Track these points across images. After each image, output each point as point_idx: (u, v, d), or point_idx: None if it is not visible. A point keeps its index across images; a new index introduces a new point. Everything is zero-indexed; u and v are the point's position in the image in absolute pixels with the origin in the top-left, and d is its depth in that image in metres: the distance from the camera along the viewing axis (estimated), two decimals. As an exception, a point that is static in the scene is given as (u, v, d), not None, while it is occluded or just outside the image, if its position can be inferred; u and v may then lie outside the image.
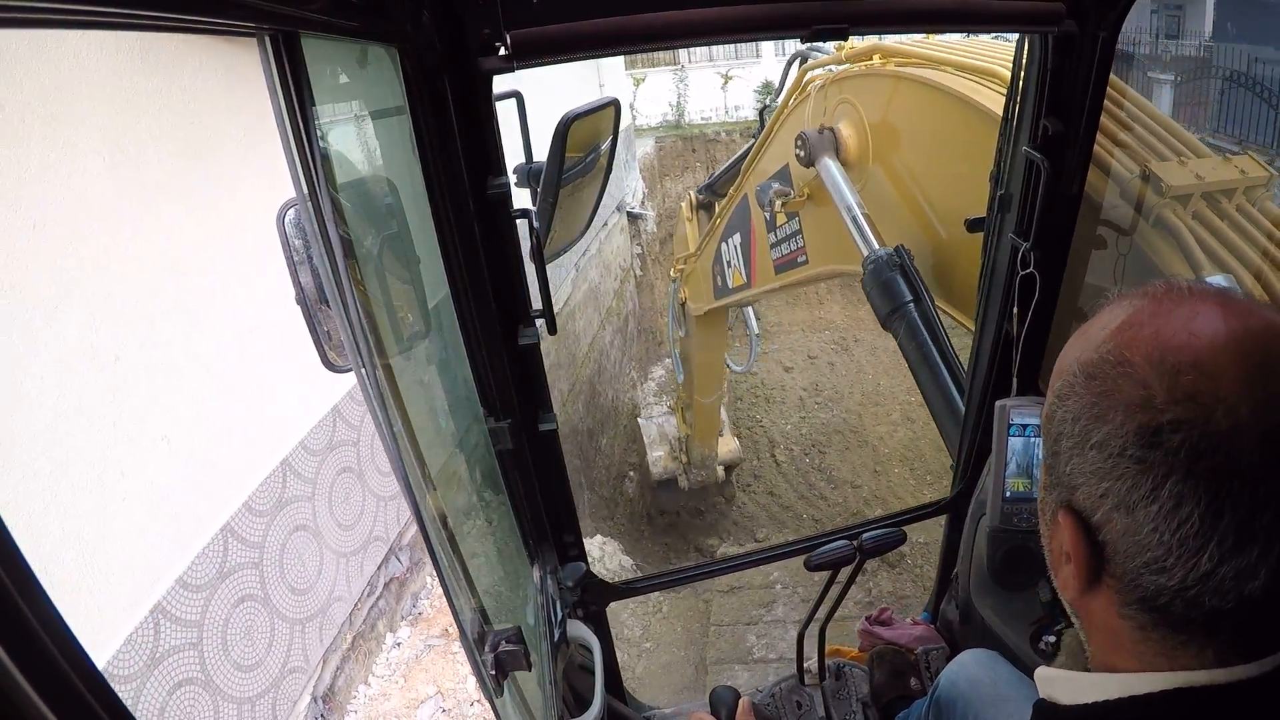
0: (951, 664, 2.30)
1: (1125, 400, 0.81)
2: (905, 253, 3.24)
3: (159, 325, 3.73)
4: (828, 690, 3.06)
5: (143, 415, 3.59)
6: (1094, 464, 0.84)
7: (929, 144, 3.54)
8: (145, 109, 3.74)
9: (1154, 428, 0.78)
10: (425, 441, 1.55)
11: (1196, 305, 0.83)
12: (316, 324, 1.54)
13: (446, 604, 1.66)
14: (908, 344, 3.15)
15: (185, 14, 0.80)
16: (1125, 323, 0.86)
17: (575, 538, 2.49)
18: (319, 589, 4.92)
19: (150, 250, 3.74)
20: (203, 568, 3.89)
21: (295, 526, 4.75)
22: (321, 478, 5.07)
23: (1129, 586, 0.85)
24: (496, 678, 1.60)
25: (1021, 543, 2.39)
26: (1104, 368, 0.84)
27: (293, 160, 1.16)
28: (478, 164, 1.71)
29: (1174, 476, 0.77)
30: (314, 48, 1.14)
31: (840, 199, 3.77)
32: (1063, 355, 0.93)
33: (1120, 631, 0.89)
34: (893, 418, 15.18)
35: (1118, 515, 0.83)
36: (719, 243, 6.69)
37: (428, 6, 1.46)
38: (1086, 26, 1.97)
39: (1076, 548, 0.88)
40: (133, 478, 3.50)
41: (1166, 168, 2.46)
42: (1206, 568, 0.78)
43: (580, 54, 1.66)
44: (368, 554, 5.51)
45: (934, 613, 3.27)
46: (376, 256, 1.51)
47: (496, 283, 1.86)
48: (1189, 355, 0.78)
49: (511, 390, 2.01)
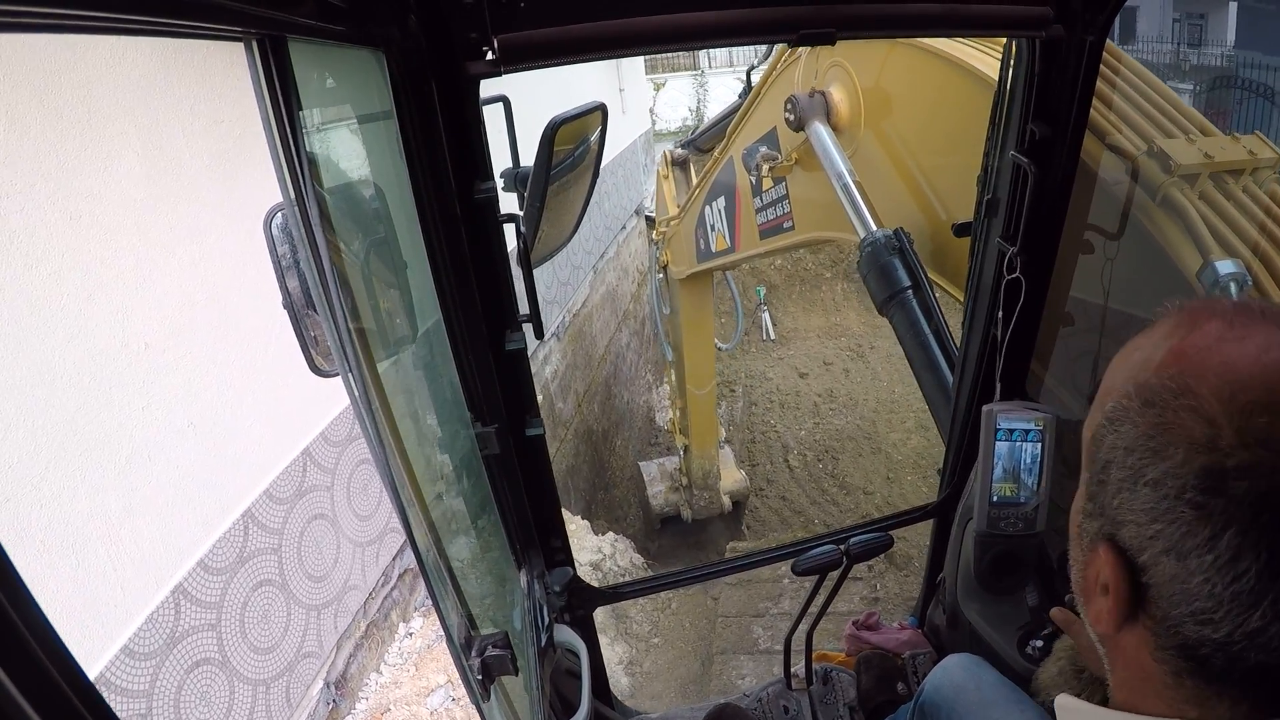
0: (936, 669, 2.30)
1: (1188, 437, 0.73)
2: (905, 236, 3.14)
3: (189, 316, 3.78)
4: (814, 695, 3.06)
5: (170, 403, 3.65)
6: (1146, 502, 0.77)
7: (925, 113, 3.43)
8: (177, 110, 3.81)
9: (1218, 472, 0.71)
10: (412, 446, 1.55)
11: (1274, 333, 0.75)
12: (304, 329, 1.54)
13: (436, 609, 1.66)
14: (905, 332, 3.09)
15: (173, 19, 0.80)
16: (1189, 343, 0.78)
17: (562, 542, 2.49)
18: (335, 577, 4.96)
19: (181, 243, 3.82)
20: (224, 551, 3.95)
21: (314, 515, 4.79)
22: (340, 468, 5.11)
23: (1168, 631, 0.79)
24: (483, 683, 1.59)
25: (1008, 547, 2.39)
26: (1164, 395, 0.77)
27: (280, 165, 1.16)
28: (465, 168, 1.71)
29: (1234, 528, 0.70)
30: (301, 52, 1.13)
31: (830, 166, 3.69)
32: (1112, 370, 0.87)
33: (1151, 673, 0.83)
34: (907, 425, 15.09)
35: (1166, 560, 0.76)
36: (702, 205, 6.56)
37: (414, 11, 1.46)
38: (1074, 31, 1.96)
39: (1116, 585, 0.82)
40: (159, 461, 3.55)
41: (1174, 145, 2.34)
42: (1256, 625, 0.72)
43: (567, 58, 1.66)
44: (383, 545, 5.54)
45: (921, 617, 3.27)
46: (364, 261, 1.51)
47: (483, 287, 1.85)
48: (1263, 394, 0.71)
49: (499, 395, 2.01)
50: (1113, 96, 2.48)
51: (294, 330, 1.55)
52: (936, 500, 2.96)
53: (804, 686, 3.09)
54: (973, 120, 2.58)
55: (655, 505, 11.67)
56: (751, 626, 8.24)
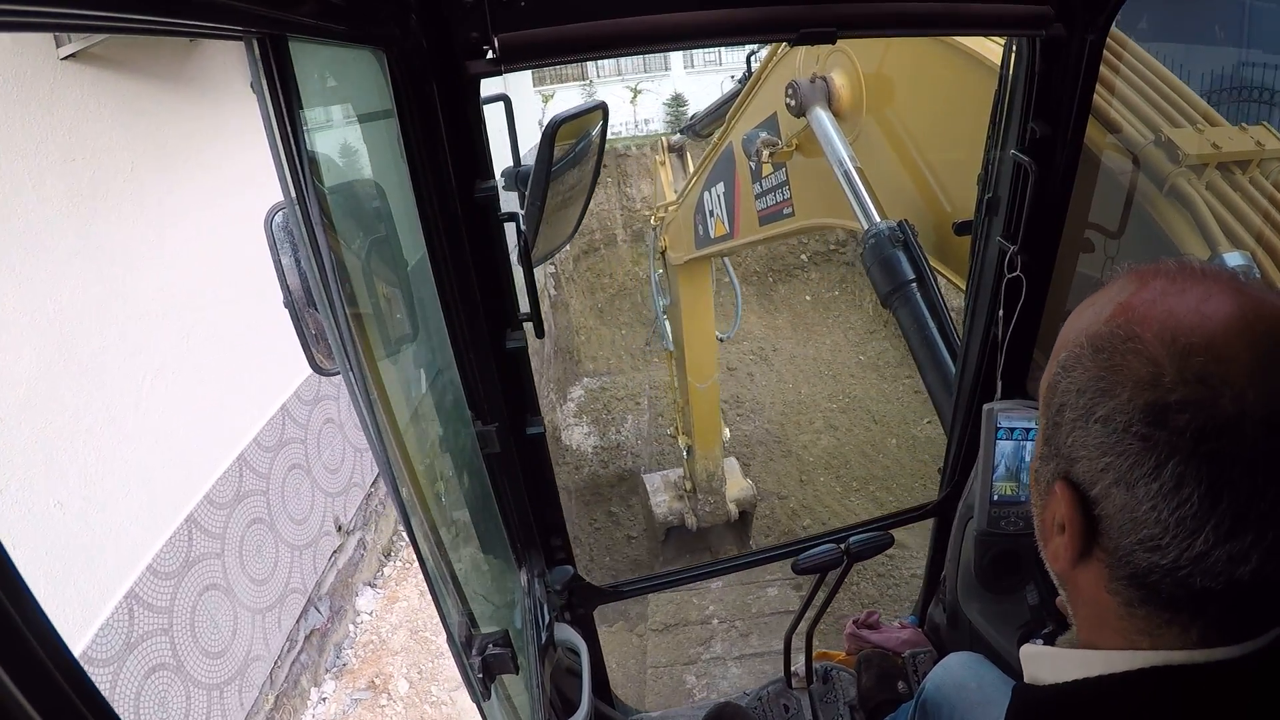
0: (937, 668, 2.31)
1: (1133, 376, 0.81)
2: (909, 228, 3.12)
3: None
4: (815, 694, 3.06)
5: (30, 482, 3.52)
6: (1097, 438, 0.84)
7: (928, 99, 3.39)
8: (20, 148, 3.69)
9: (1161, 406, 0.78)
10: (412, 444, 1.56)
11: (1211, 286, 0.83)
12: (304, 327, 1.54)
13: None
14: (909, 326, 3.05)
15: (174, 18, 0.80)
16: (1136, 298, 0.86)
17: (563, 541, 2.49)
18: (235, 649, 4.79)
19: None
20: (107, 640, 3.80)
21: (206, 585, 4.62)
22: (230, 532, 4.94)
23: (1120, 562, 0.86)
24: (484, 681, 1.60)
25: (1009, 546, 2.38)
26: (1113, 341, 0.84)
27: (280, 163, 1.16)
28: (465, 167, 1.71)
29: (1176, 457, 0.78)
30: (302, 51, 1.14)
31: (832, 152, 3.64)
32: (1068, 325, 0.94)
33: (1106, 606, 0.90)
34: (815, 426, 15.26)
35: (1117, 490, 0.84)
36: (701, 191, 6.51)
37: (415, 10, 1.46)
38: (1075, 29, 1.96)
39: (1072, 519, 0.89)
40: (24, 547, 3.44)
41: (1182, 134, 2.33)
42: (1200, 549, 0.79)
43: (568, 57, 1.66)
44: (285, 607, 5.41)
45: (921, 616, 3.27)
46: (364, 259, 1.51)
47: (484, 286, 1.85)
48: (1201, 336, 0.79)
49: (499, 393, 2.01)
50: (1119, 85, 2.46)
51: (295, 328, 1.56)
52: (937, 499, 2.95)
53: (804, 685, 3.09)
54: (975, 106, 2.56)
55: (659, 515, 11.51)
56: (684, 676, 8.13)
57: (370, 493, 7.03)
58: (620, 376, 17.65)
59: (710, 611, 9.44)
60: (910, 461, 13.75)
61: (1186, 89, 2.52)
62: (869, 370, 17.18)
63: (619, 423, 16.02)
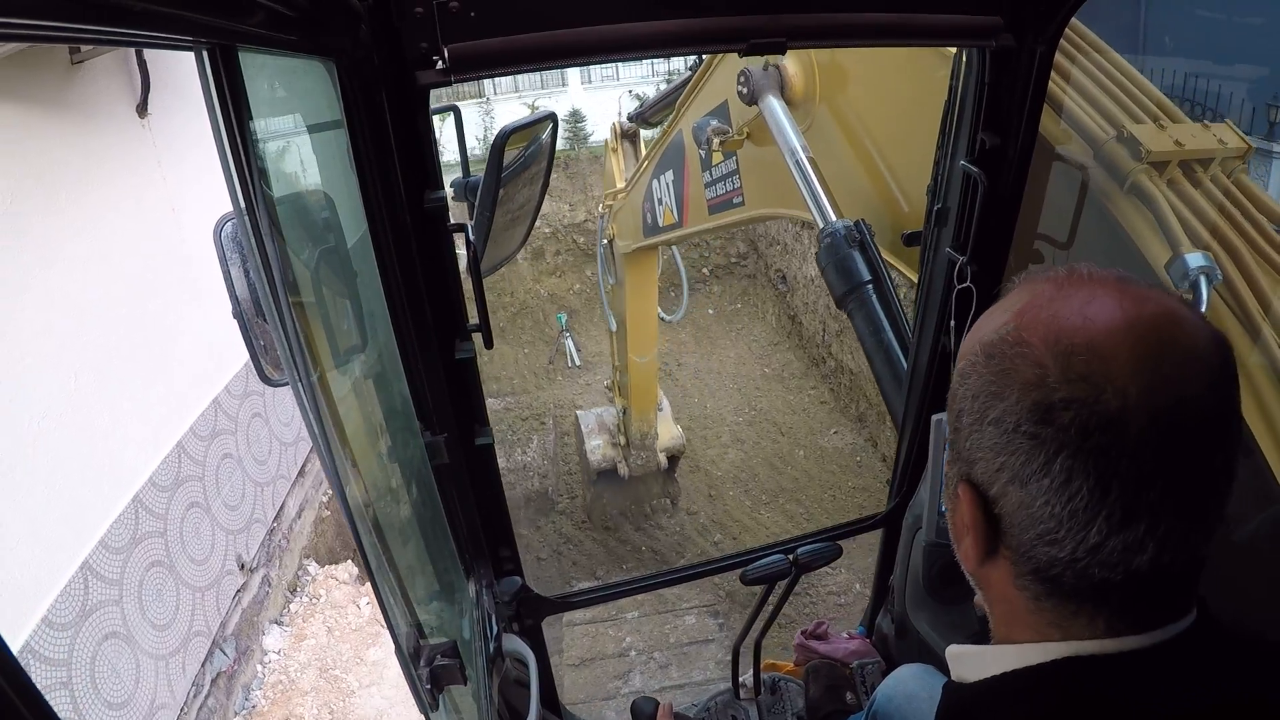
0: (889, 679, 2.33)
1: (1021, 379, 0.85)
2: (865, 227, 3.03)
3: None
4: (763, 705, 3.08)
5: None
6: (991, 439, 0.88)
7: (880, 86, 3.36)
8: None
9: (1047, 405, 0.82)
10: (361, 455, 1.55)
11: (1095, 290, 0.87)
12: (253, 338, 1.53)
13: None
14: (864, 328, 3.00)
15: (123, 28, 0.79)
16: (1026, 305, 0.90)
17: (511, 552, 2.49)
18: (139, 699, 4.67)
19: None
20: None
21: (106, 634, 4.50)
22: (128, 576, 4.82)
23: (1023, 558, 0.90)
24: (432, 692, 1.59)
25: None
26: (1003, 347, 0.88)
27: (230, 174, 1.16)
28: (415, 177, 1.70)
29: (1064, 452, 0.82)
30: (252, 62, 1.13)
31: (784, 141, 3.55)
32: (968, 337, 0.97)
33: (1016, 602, 0.94)
34: (722, 440, 15.24)
35: (1012, 489, 0.88)
36: (650, 179, 6.41)
37: (365, 20, 1.46)
38: (1024, 40, 1.97)
39: (975, 520, 0.93)
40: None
41: (1145, 130, 2.31)
42: (1095, 540, 0.83)
43: (518, 67, 1.66)
44: (189, 652, 5.30)
45: (869, 627, 3.29)
46: (314, 270, 1.50)
47: (433, 296, 1.85)
48: (1083, 338, 0.83)
49: (448, 404, 2.01)
50: (1078, 77, 2.46)
51: (243, 339, 1.54)
52: (885, 510, 2.97)
53: (752, 696, 3.11)
54: (930, 97, 2.51)
55: (593, 461, 11.87)
56: (603, 712, 8.05)
57: (273, 528, 6.92)
58: (524, 396, 17.39)
59: (628, 643, 9.37)
60: (819, 473, 13.71)
61: (1148, 84, 2.51)
62: (774, 382, 17.17)
63: (524, 443, 15.75)
